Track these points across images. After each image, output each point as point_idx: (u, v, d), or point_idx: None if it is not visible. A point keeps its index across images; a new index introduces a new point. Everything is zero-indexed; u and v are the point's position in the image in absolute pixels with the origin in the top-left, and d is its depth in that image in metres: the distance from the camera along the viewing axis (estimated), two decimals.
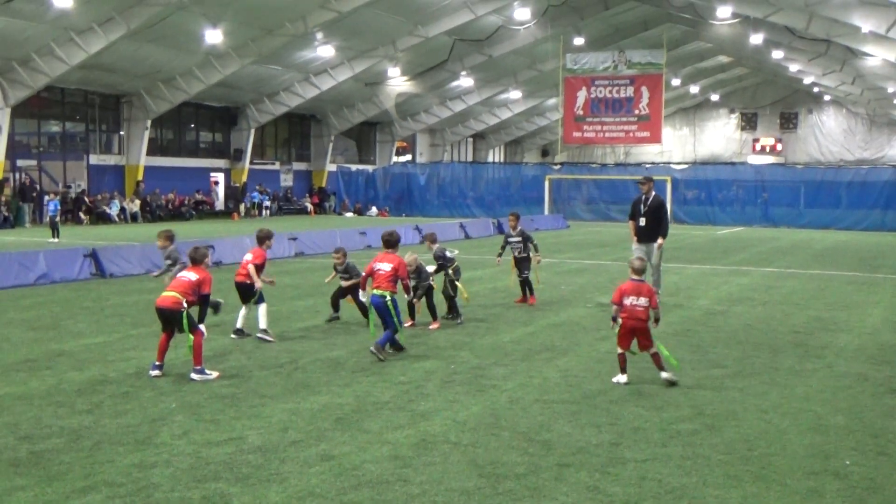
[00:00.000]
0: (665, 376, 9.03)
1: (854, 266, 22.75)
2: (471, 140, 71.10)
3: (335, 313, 12.66)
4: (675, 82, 60.48)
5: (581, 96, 47.21)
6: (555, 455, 6.71)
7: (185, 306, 9.16)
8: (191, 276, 9.39)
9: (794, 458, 6.72)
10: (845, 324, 13.17)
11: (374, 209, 52.50)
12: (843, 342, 11.65)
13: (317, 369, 9.63)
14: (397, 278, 10.37)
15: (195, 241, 19.98)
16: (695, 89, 67.40)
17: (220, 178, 49.23)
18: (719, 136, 74.07)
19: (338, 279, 12.59)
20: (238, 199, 47.91)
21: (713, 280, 18.93)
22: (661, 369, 9.08)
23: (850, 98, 64.07)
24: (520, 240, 14.58)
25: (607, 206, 48.62)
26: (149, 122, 42.39)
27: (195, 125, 49.30)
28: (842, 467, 6.54)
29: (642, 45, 49.17)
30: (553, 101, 60.12)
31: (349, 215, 51.02)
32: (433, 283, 12.51)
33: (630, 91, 46.37)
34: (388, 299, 10.16)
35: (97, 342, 11.09)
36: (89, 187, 41.07)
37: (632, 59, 46.41)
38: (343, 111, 53.23)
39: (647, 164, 54.86)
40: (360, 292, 11.37)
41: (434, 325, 12.30)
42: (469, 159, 69.45)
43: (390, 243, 10.70)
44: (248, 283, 11.36)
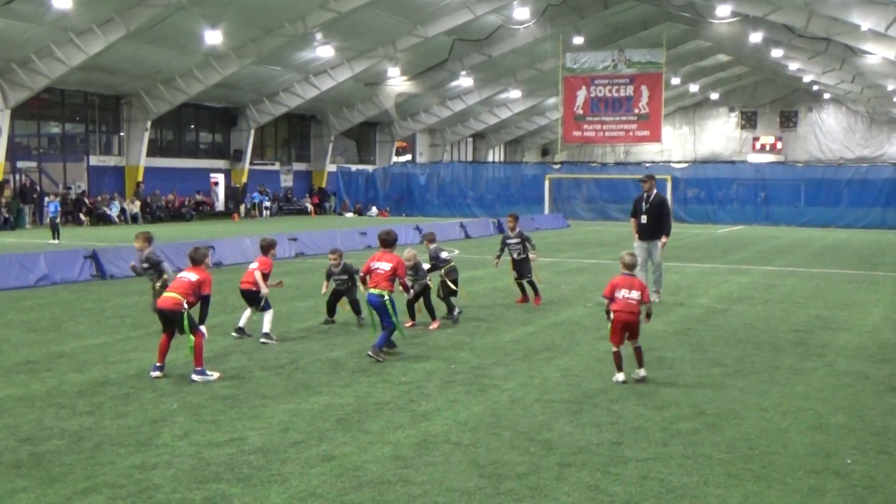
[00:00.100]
0: (641, 374, 9.08)
1: (854, 264, 22.75)
2: (471, 140, 71.10)
3: (330, 318, 12.60)
4: (675, 81, 60.45)
5: (581, 95, 47.18)
6: (556, 455, 6.72)
7: (186, 307, 9.17)
8: (191, 276, 9.38)
9: (794, 457, 6.73)
10: (846, 322, 13.17)
11: (374, 209, 52.50)
12: (843, 340, 11.65)
13: (317, 370, 9.63)
14: (395, 278, 10.35)
15: (196, 242, 20.01)
16: (694, 88, 67.40)
17: (220, 178, 49.22)
18: (719, 135, 74.06)
19: (332, 286, 12.38)
20: (238, 200, 47.92)
21: (713, 279, 18.93)
22: (640, 365, 9.12)
23: (849, 96, 64.07)
24: (518, 241, 14.57)
25: (607, 206, 48.62)
26: (149, 123, 42.39)
27: (195, 126, 49.30)
28: (842, 466, 6.54)
29: (642, 44, 49.15)
30: (553, 101, 60.12)
31: (349, 215, 51.02)
32: (430, 283, 12.52)
33: (630, 90, 46.34)
34: (387, 298, 10.13)
35: (98, 343, 11.10)
36: (89, 188, 41.07)
37: (631, 59, 46.38)
38: (343, 111, 53.22)
39: (647, 163, 54.82)
40: (358, 289, 11.36)
41: (434, 325, 12.31)
42: (469, 159, 69.44)
43: (388, 242, 10.66)
44: (253, 290, 11.39)
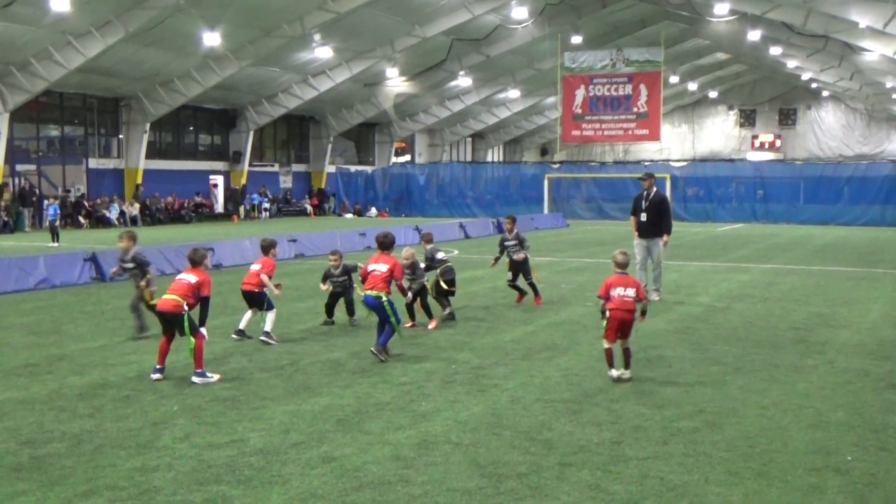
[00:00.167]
0: (627, 375, 9.08)
1: (854, 261, 22.76)
2: (469, 140, 71.09)
3: (329, 319, 12.56)
4: (674, 80, 60.45)
5: (579, 95, 47.20)
6: (556, 454, 6.72)
7: (187, 309, 9.17)
8: (190, 278, 9.37)
9: (795, 455, 6.73)
10: (845, 320, 13.18)
11: (373, 210, 52.51)
12: (843, 338, 11.65)
13: (317, 371, 9.63)
14: (392, 279, 10.34)
15: (195, 244, 19.98)
16: (693, 86, 67.41)
17: (219, 180, 49.23)
18: (718, 133, 74.06)
19: (330, 287, 12.35)
20: (237, 202, 47.92)
21: (713, 277, 18.93)
22: (626, 367, 9.13)
23: (848, 93, 64.06)
24: (516, 243, 14.60)
25: (607, 205, 48.62)
26: (147, 126, 42.41)
27: (194, 128, 49.31)
28: (843, 463, 6.55)
29: (640, 43, 49.16)
30: (551, 100, 60.13)
31: (349, 216, 51.04)
32: (427, 283, 12.53)
33: (628, 89, 46.36)
34: (384, 300, 10.11)
35: (98, 346, 11.10)
36: (88, 191, 41.08)
37: (630, 57, 46.40)
38: (342, 112, 53.23)
39: (647, 162, 54.83)
40: (354, 290, 11.35)
41: (432, 325, 12.31)
42: (468, 159, 69.45)
43: (385, 245, 10.66)
44: (256, 291, 11.40)
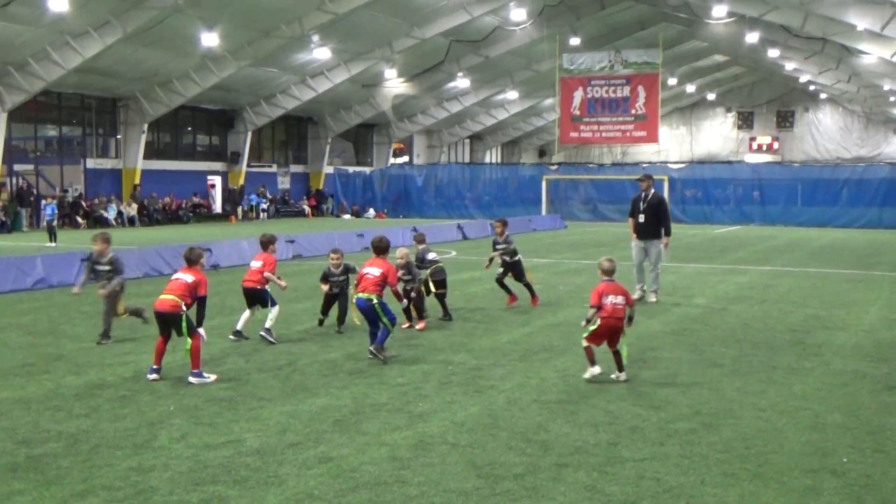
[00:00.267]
0: (623, 377, 9.09)
1: (851, 264, 22.78)
2: (468, 141, 71.11)
3: (323, 316, 12.48)
4: (672, 82, 60.53)
5: (577, 96, 47.20)
6: (553, 455, 6.72)
7: (184, 309, 9.17)
8: (187, 277, 9.36)
9: (791, 456, 6.73)
10: (842, 321, 13.19)
11: (371, 211, 52.49)
12: (840, 340, 11.66)
13: (315, 371, 9.63)
14: (385, 284, 10.27)
15: (192, 244, 19.94)
16: (691, 88, 67.47)
17: (217, 181, 49.20)
18: (716, 135, 74.12)
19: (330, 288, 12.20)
20: (235, 202, 47.90)
21: (711, 279, 18.94)
22: (621, 369, 9.13)
23: (846, 96, 64.15)
24: (504, 247, 14.60)
25: (604, 206, 48.63)
26: (145, 126, 42.39)
27: (192, 128, 49.27)
28: (839, 465, 6.55)
29: (638, 45, 49.19)
30: (550, 102, 60.14)
31: (347, 217, 51.02)
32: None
33: (626, 91, 46.38)
34: (375, 302, 10.06)
35: (95, 346, 11.09)
36: (86, 191, 41.05)
37: (628, 59, 46.41)
38: (340, 113, 53.22)
39: (645, 164, 54.83)
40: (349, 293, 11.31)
41: (420, 326, 12.26)
42: (466, 160, 69.46)
43: (380, 249, 10.61)
44: (257, 288, 11.37)
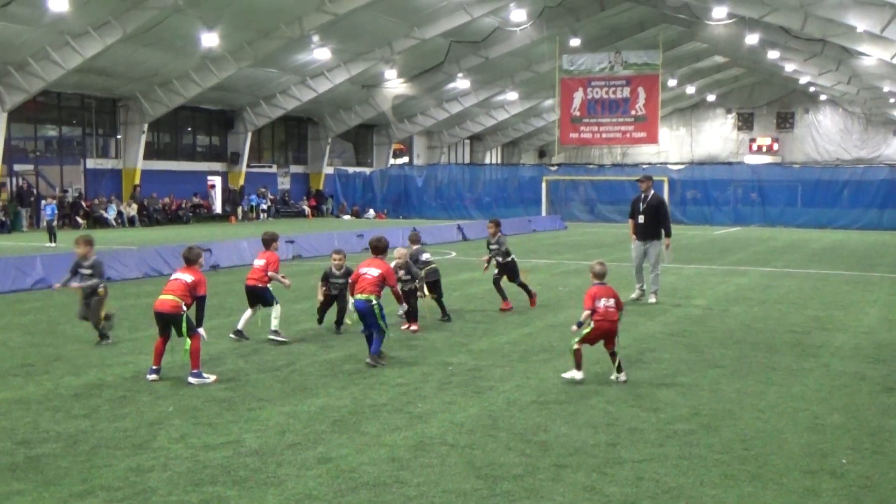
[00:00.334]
0: (622, 378, 9.10)
1: (851, 265, 22.78)
2: (468, 142, 71.13)
3: (319, 322, 12.31)
4: (672, 83, 60.57)
5: (577, 97, 47.25)
6: (552, 456, 6.72)
7: (185, 309, 9.17)
8: (186, 277, 9.35)
9: (790, 458, 6.73)
10: (842, 323, 13.19)
11: (371, 211, 52.51)
12: (839, 341, 11.66)
13: (314, 372, 9.63)
14: (383, 284, 10.17)
15: (191, 244, 19.93)
16: (691, 90, 67.49)
17: (217, 181, 49.21)
18: (716, 137, 74.16)
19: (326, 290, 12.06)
20: (235, 203, 47.91)
21: (710, 280, 18.94)
22: (619, 370, 9.14)
23: (846, 97, 64.17)
24: (497, 248, 14.56)
25: (604, 207, 48.64)
26: (145, 126, 42.40)
27: (192, 128, 49.29)
28: (838, 466, 6.55)
29: (638, 46, 49.23)
30: (550, 103, 60.16)
31: (347, 218, 51.04)
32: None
33: (626, 92, 46.42)
34: (374, 303, 9.95)
35: (94, 346, 11.09)
36: (86, 191, 41.06)
37: (628, 60, 46.45)
38: (340, 114, 53.24)
39: (645, 165, 54.87)
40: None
41: (414, 327, 12.20)
42: (466, 161, 69.49)
43: (378, 249, 10.52)
44: (259, 286, 11.36)
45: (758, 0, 36.56)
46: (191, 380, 9.02)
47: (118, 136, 43.10)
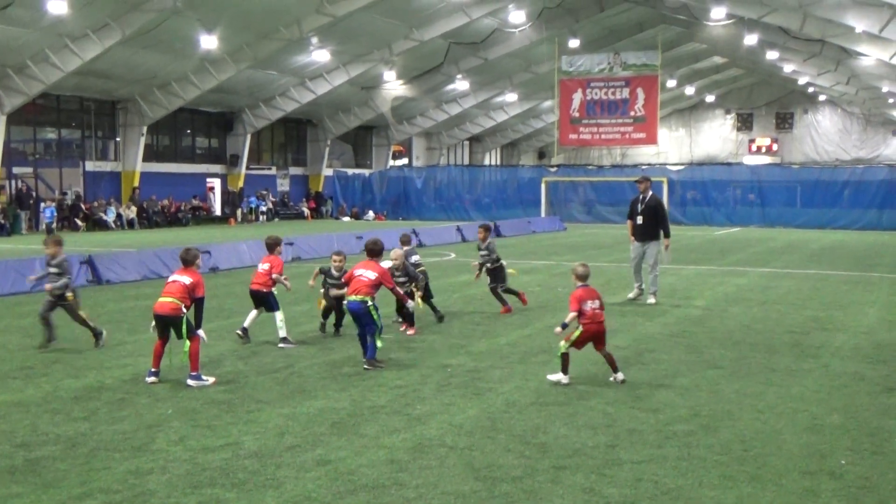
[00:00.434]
0: (621, 377, 9.10)
1: (850, 265, 22.78)
2: (467, 143, 71.14)
3: (323, 328, 12.25)
4: (671, 83, 60.59)
5: (577, 98, 47.26)
6: (551, 457, 6.72)
7: (185, 311, 9.17)
8: (184, 279, 9.35)
9: (789, 458, 6.73)
10: (841, 323, 13.19)
11: (370, 213, 52.50)
12: (839, 342, 11.66)
13: (313, 374, 9.62)
14: (379, 287, 10.10)
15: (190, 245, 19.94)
16: (690, 90, 67.52)
17: (216, 183, 49.21)
18: (715, 137, 74.20)
19: (320, 282, 12.07)
20: (235, 205, 47.90)
21: (710, 281, 18.94)
22: (616, 370, 9.14)
23: (845, 98, 64.19)
24: (487, 253, 14.55)
25: (604, 208, 48.64)
26: (144, 128, 42.40)
27: (191, 131, 49.30)
28: (837, 467, 6.55)
29: (637, 47, 49.24)
30: (549, 104, 60.17)
31: (346, 219, 51.03)
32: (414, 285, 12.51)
33: (626, 93, 46.43)
34: (370, 304, 9.89)
35: (93, 349, 11.09)
36: (85, 194, 41.06)
37: (627, 61, 46.46)
38: (339, 115, 53.24)
39: (644, 166, 54.84)
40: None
41: (411, 331, 12.18)
42: (465, 162, 69.49)
43: (374, 252, 10.42)
44: (263, 291, 11.37)
45: (756, 0, 36.59)
46: (190, 382, 9.02)
47: (117, 139, 43.10)
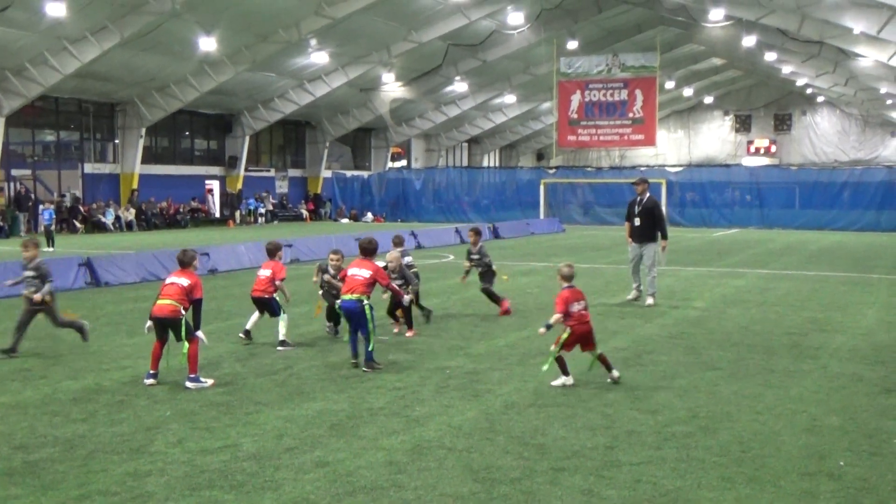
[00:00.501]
0: (616, 375, 9.14)
1: (849, 267, 22.79)
2: (466, 145, 71.17)
3: (332, 329, 12.15)
4: (669, 85, 60.63)
5: (575, 100, 47.30)
6: (549, 459, 6.72)
7: (183, 313, 9.16)
8: (182, 281, 9.35)
9: (788, 460, 6.73)
10: (840, 324, 13.20)
11: (369, 215, 52.50)
12: (837, 343, 11.67)
13: (312, 376, 9.62)
14: (374, 285, 10.00)
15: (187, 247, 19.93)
16: (689, 92, 67.58)
17: (215, 185, 49.20)
18: (714, 139, 74.25)
19: (324, 293, 11.99)
20: (234, 207, 47.89)
21: (708, 282, 18.95)
22: (610, 368, 9.16)
23: (843, 99, 64.25)
24: (479, 257, 14.51)
25: (603, 210, 48.66)
26: (143, 130, 42.40)
27: (190, 133, 49.30)
28: (836, 468, 6.55)
29: (636, 48, 49.30)
30: (547, 105, 60.21)
31: (345, 221, 51.02)
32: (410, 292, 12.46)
33: (624, 94, 46.48)
34: (365, 303, 9.79)
35: (92, 351, 11.09)
36: (84, 196, 41.04)
37: (625, 63, 46.51)
38: (338, 117, 53.26)
39: (642, 167, 54.91)
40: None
41: (409, 333, 12.16)
42: (464, 164, 69.50)
43: (368, 251, 10.34)
44: (265, 297, 11.37)
45: (755, 2, 36.64)
46: (188, 384, 9.01)
47: (116, 141, 43.10)
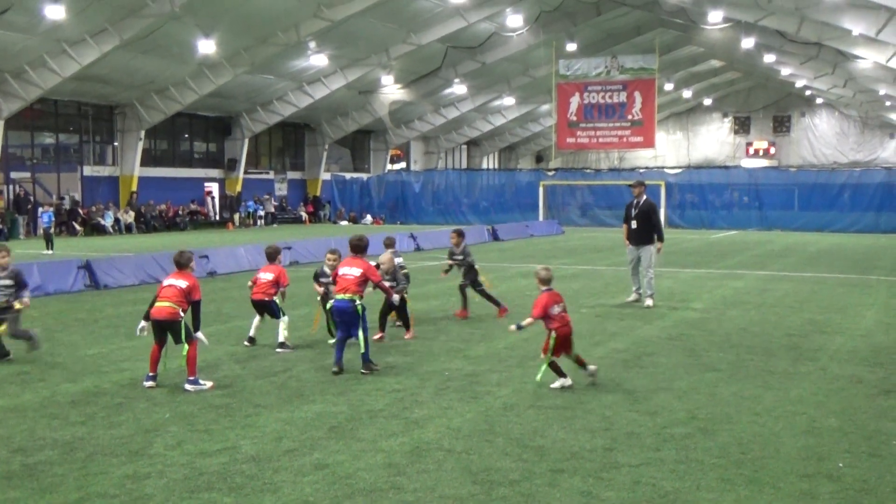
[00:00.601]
0: (593, 368, 9.22)
1: (848, 268, 22.79)
2: (465, 147, 71.20)
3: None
4: (668, 87, 60.68)
5: (574, 102, 47.34)
6: (548, 461, 6.72)
7: (182, 315, 9.16)
8: (180, 283, 9.34)
9: (787, 461, 6.73)
10: (839, 326, 13.20)
11: (368, 217, 52.51)
12: (836, 344, 11.67)
13: (311, 378, 9.62)
14: (366, 283, 9.88)
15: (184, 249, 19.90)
16: (688, 94, 67.63)
17: (214, 188, 49.21)
18: (713, 141, 74.29)
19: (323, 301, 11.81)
20: (233, 209, 47.90)
21: (707, 284, 18.95)
22: (585, 365, 9.23)
23: (842, 101, 64.30)
24: (462, 258, 14.51)
25: (602, 212, 48.69)
26: (142, 133, 42.42)
27: (189, 135, 49.32)
28: (835, 469, 6.55)
29: (635, 51, 49.33)
30: (546, 107, 60.28)
31: (344, 223, 51.02)
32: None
33: (623, 96, 46.52)
34: (358, 303, 9.71)
35: (91, 353, 11.08)
36: (83, 199, 41.05)
37: (624, 65, 46.55)
38: (337, 120, 53.29)
39: (641, 169, 54.94)
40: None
41: (408, 335, 12.14)
42: (463, 166, 69.53)
43: (359, 248, 10.22)
44: (266, 300, 11.39)
45: (753, 4, 36.67)
46: (187, 386, 9.01)
47: (115, 144, 43.11)
